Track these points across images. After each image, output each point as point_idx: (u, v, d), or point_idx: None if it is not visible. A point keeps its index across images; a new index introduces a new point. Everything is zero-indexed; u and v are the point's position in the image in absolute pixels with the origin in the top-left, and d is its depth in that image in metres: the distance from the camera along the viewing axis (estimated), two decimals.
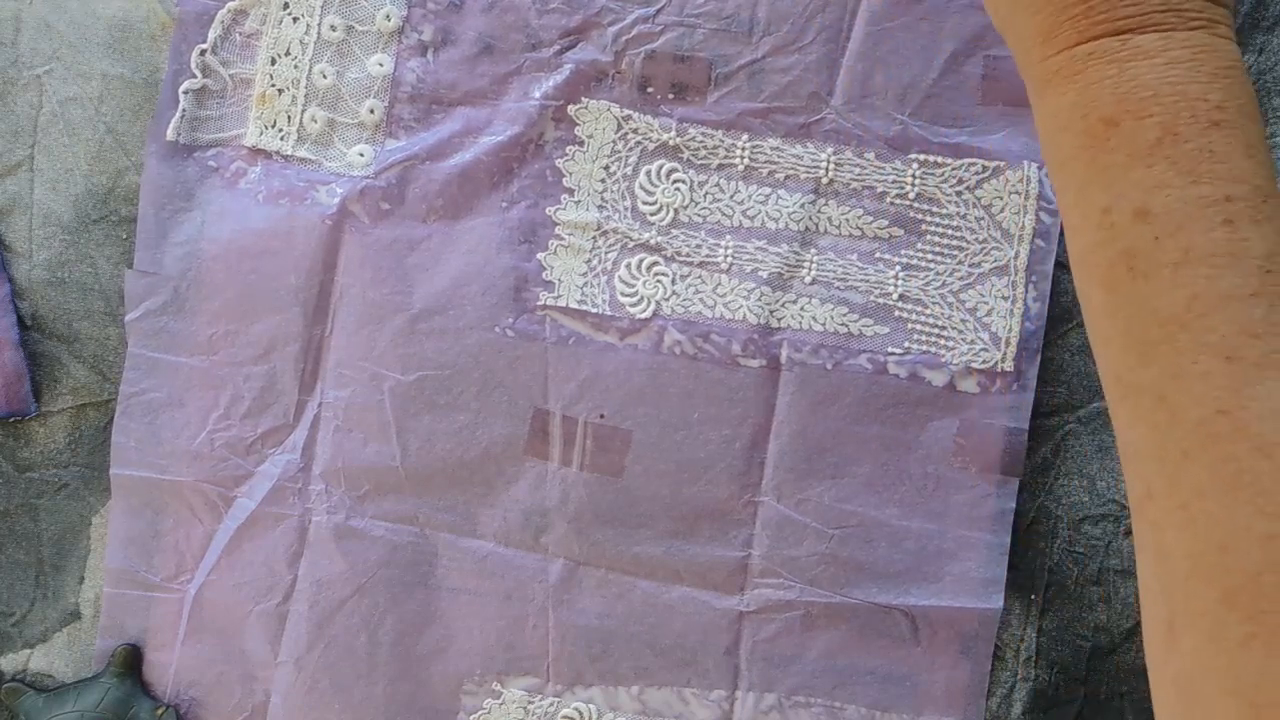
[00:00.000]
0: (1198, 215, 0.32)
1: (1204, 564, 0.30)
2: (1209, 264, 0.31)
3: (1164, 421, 0.31)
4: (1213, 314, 0.31)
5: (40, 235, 0.54)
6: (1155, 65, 0.32)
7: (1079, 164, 0.33)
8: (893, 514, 0.52)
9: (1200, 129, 0.32)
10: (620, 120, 0.53)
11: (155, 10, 0.54)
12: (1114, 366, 0.33)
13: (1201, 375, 0.31)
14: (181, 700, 0.53)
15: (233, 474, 0.53)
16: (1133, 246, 0.32)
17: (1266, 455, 0.30)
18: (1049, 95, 0.34)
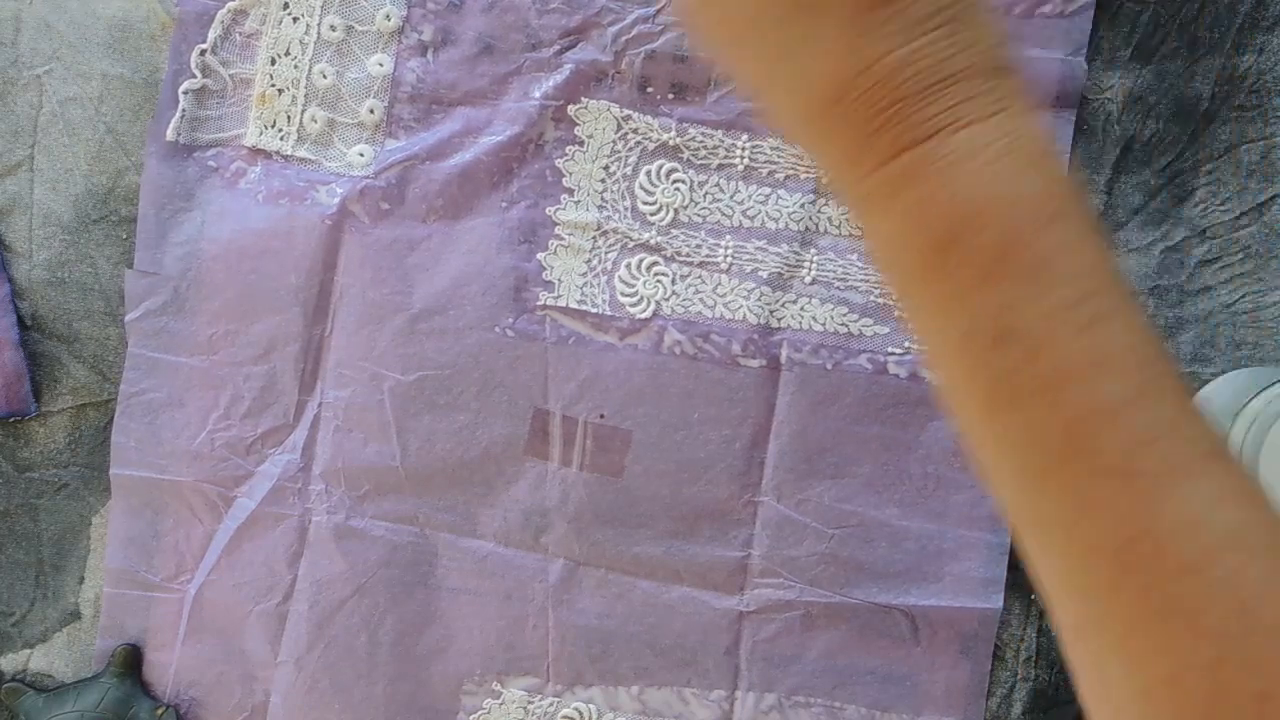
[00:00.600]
0: (1060, 325, 0.29)
1: (1154, 699, 0.29)
2: (1083, 376, 0.29)
3: (1078, 555, 0.29)
4: (1100, 431, 0.29)
5: (40, 235, 0.54)
6: (977, 168, 0.30)
7: (923, 291, 0.31)
8: (893, 514, 0.52)
9: (1040, 226, 0.30)
10: (620, 120, 0.53)
11: (155, 10, 0.54)
12: (1011, 499, 0.31)
13: (1104, 501, 0.29)
14: (181, 700, 0.53)
15: (233, 474, 0.53)
16: (1001, 372, 0.30)
17: (1194, 574, 0.28)
18: (875, 219, 0.31)
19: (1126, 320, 0.30)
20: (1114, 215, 0.53)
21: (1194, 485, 0.29)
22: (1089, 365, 0.29)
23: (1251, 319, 0.52)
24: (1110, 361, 0.29)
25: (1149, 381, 0.29)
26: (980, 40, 0.31)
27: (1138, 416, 0.29)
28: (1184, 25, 0.52)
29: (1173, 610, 0.28)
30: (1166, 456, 0.29)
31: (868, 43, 0.30)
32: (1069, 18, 0.52)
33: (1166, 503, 0.28)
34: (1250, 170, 0.52)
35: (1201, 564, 0.28)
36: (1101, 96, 0.53)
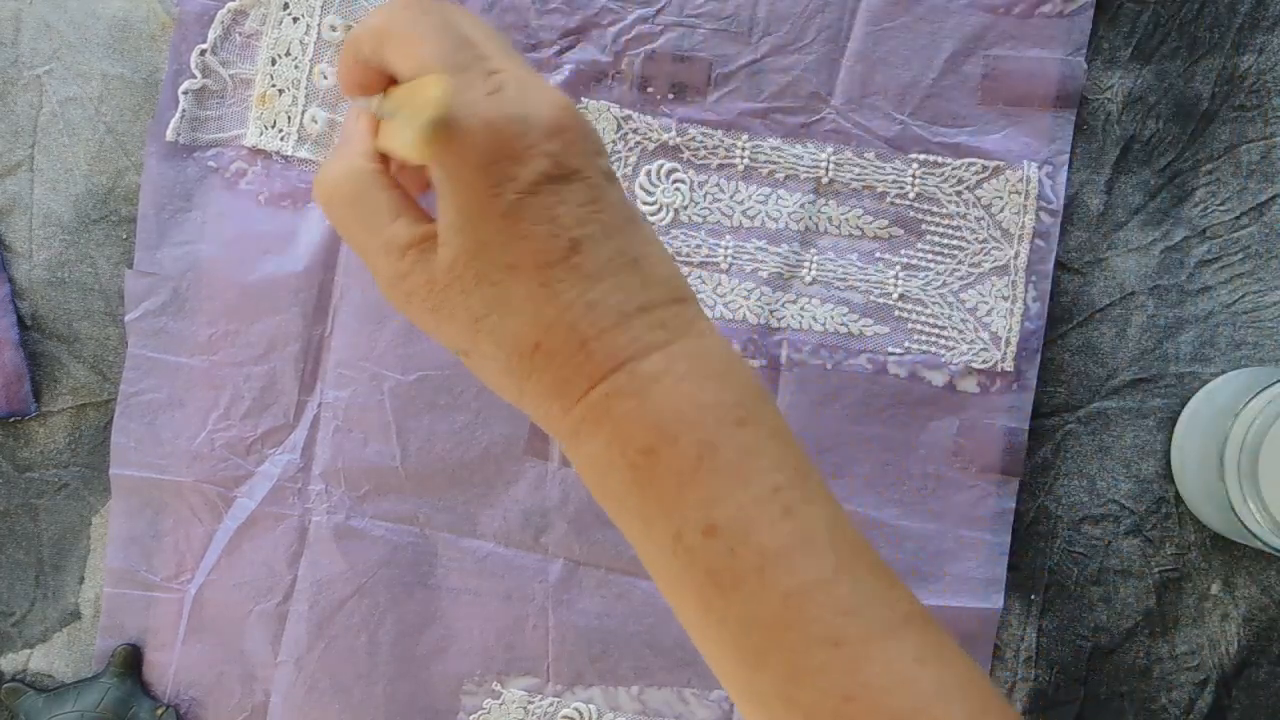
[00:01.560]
0: (759, 515, 0.32)
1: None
2: (787, 559, 0.32)
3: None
4: (807, 606, 0.32)
5: (40, 235, 0.54)
6: (667, 387, 0.33)
7: (633, 499, 0.34)
8: (893, 514, 0.52)
9: (730, 432, 0.33)
10: (620, 120, 0.53)
11: (155, 10, 0.54)
12: (733, 681, 0.33)
13: (818, 669, 0.32)
14: (181, 700, 0.53)
15: (233, 474, 0.53)
16: (713, 564, 0.32)
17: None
18: (582, 444, 0.34)
19: (820, 507, 0.33)
20: (1114, 215, 0.53)
21: (898, 646, 0.32)
22: (790, 548, 0.32)
23: (1251, 319, 0.52)
24: (809, 543, 0.32)
25: (846, 558, 0.33)
26: (654, 279, 0.34)
27: (839, 590, 0.32)
28: (1184, 25, 0.52)
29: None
30: (870, 623, 0.32)
31: (550, 297, 0.33)
32: (1069, 18, 0.52)
33: (874, 664, 0.31)
34: (1250, 170, 0.52)
35: (911, 716, 0.31)
36: (1101, 96, 0.53)
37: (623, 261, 0.34)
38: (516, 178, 0.33)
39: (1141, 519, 0.52)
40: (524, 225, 0.33)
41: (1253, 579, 0.52)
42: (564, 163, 0.34)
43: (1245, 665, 0.52)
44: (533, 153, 0.33)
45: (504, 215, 0.33)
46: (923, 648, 0.32)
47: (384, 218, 0.35)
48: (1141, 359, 0.52)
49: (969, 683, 0.33)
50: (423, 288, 0.34)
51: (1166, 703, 0.52)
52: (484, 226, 0.33)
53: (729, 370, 0.35)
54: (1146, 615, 0.52)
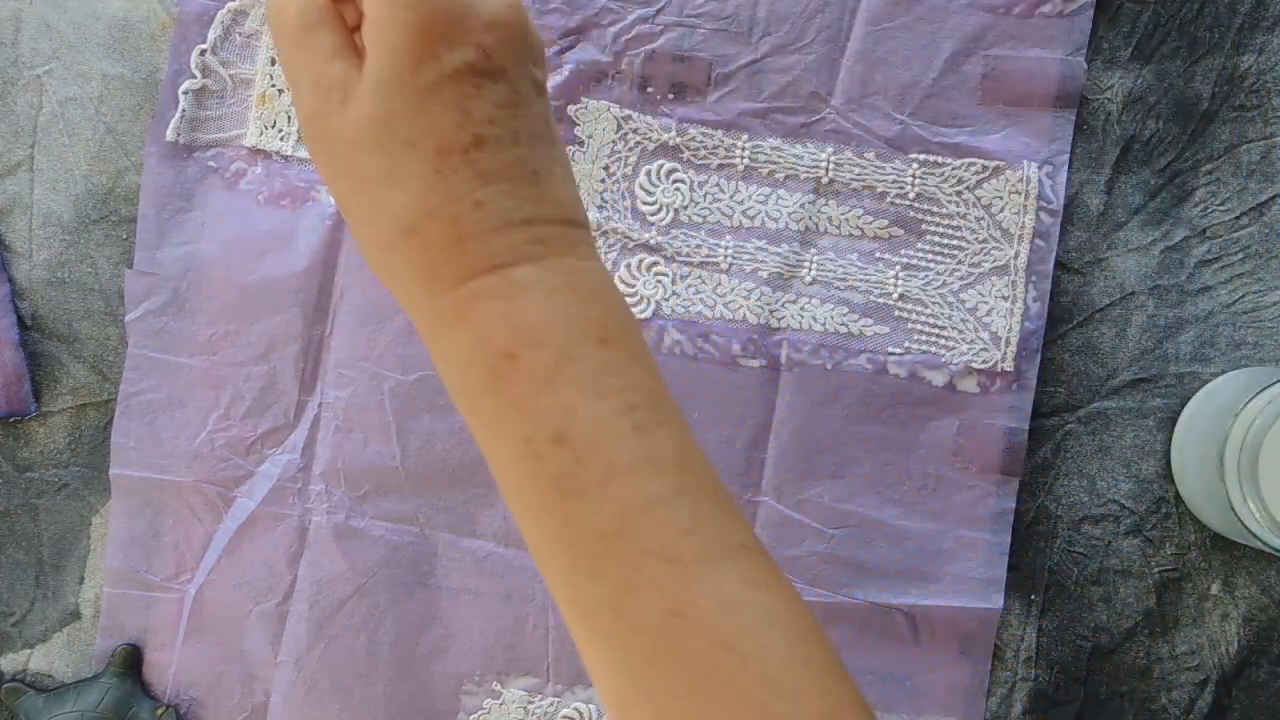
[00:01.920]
0: (610, 430, 0.33)
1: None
2: (631, 474, 0.33)
3: (623, 632, 0.32)
4: (645, 521, 0.32)
5: (40, 235, 0.54)
6: (537, 296, 0.34)
7: (489, 400, 0.34)
8: (893, 514, 0.52)
9: (592, 348, 0.34)
10: (620, 120, 0.53)
11: (155, 10, 0.54)
12: (564, 588, 0.34)
13: (648, 582, 0.32)
14: (181, 700, 0.53)
15: (233, 474, 0.53)
16: (559, 471, 0.33)
17: (725, 648, 0.32)
18: (442, 337, 0.35)
19: (671, 431, 0.34)
20: (1114, 215, 0.53)
21: (729, 570, 0.32)
22: (635, 465, 0.33)
23: (1251, 319, 0.52)
24: (654, 463, 0.33)
25: (689, 482, 0.33)
26: (549, 196, 0.35)
27: (678, 510, 0.33)
28: (1184, 25, 0.52)
29: (706, 680, 0.31)
30: (705, 545, 0.32)
31: (440, 185, 0.34)
32: (1069, 18, 0.52)
33: (704, 584, 0.32)
34: (1250, 170, 0.52)
35: (732, 640, 0.32)
36: (1101, 96, 0.53)
37: (522, 171, 0.34)
38: (441, 59, 0.33)
39: (1141, 519, 0.52)
40: (435, 108, 0.33)
41: (1253, 579, 0.52)
42: (494, 59, 0.34)
43: (1245, 665, 0.52)
44: (466, 40, 0.34)
45: (419, 92, 0.33)
46: (752, 574, 0.33)
47: (321, 54, 0.35)
48: (1141, 359, 0.53)
49: (793, 613, 0.33)
50: (331, 133, 0.35)
51: (1166, 703, 0.52)
52: (396, 97, 0.33)
53: (600, 292, 0.35)
54: (1146, 615, 0.52)
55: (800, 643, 0.33)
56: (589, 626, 0.33)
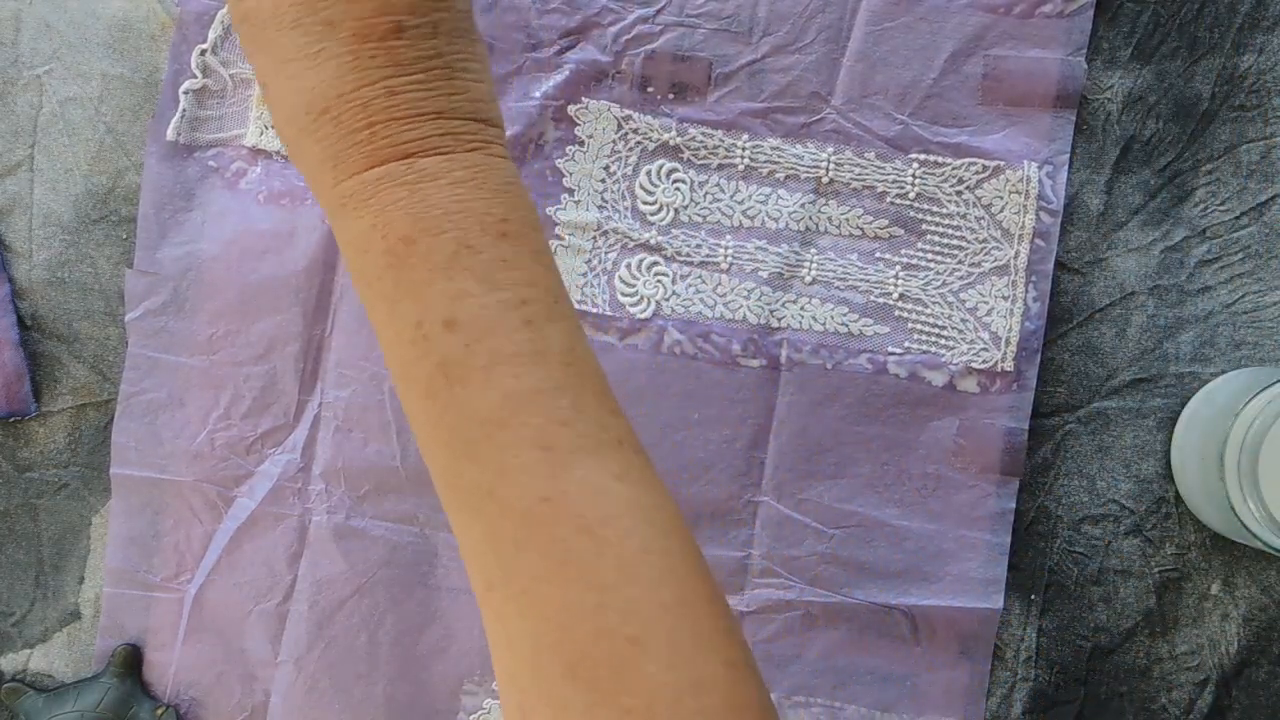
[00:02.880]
0: (500, 320, 0.34)
1: (545, 644, 0.33)
2: (516, 364, 0.34)
3: (495, 515, 0.33)
4: (525, 409, 0.33)
5: (40, 235, 0.54)
6: (441, 186, 0.34)
7: (385, 283, 0.35)
8: (893, 514, 0.52)
9: (491, 240, 0.34)
10: (620, 120, 0.53)
11: (155, 10, 0.54)
12: (443, 471, 0.35)
13: (523, 467, 0.33)
14: (181, 700, 0.53)
15: (233, 474, 0.53)
16: (446, 356, 0.34)
17: (588, 533, 0.33)
18: (346, 220, 0.35)
19: (562, 326, 0.35)
20: (1114, 215, 0.53)
21: (602, 463, 0.34)
22: (521, 355, 0.34)
23: (1251, 319, 0.52)
24: (541, 356, 0.34)
25: (573, 378, 0.34)
26: (465, 93, 0.36)
27: (559, 402, 0.34)
28: (1184, 25, 0.52)
29: (567, 563, 0.33)
30: (581, 437, 0.34)
31: (356, 69, 0.34)
32: (1069, 18, 0.52)
33: (576, 472, 0.33)
34: (1250, 170, 0.52)
35: (596, 526, 0.33)
36: (1101, 96, 0.53)
37: (439, 64, 0.35)
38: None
39: (1141, 519, 0.52)
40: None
41: (1253, 579, 0.52)
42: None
43: (1245, 665, 0.52)
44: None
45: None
46: (624, 469, 0.34)
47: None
48: (1141, 359, 0.53)
49: (658, 507, 0.34)
50: (255, 10, 0.35)
51: (1166, 703, 0.52)
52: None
53: (505, 188, 0.36)
54: (1146, 615, 0.52)
55: (662, 535, 0.34)
56: (465, 510, 0.34)
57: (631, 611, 0.32)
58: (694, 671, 0.32)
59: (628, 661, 0.32)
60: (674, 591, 0.33)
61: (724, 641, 0.33)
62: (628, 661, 0.32)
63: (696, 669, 0.32)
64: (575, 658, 0.32)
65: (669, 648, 0.32)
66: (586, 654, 0.32)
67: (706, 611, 0.33)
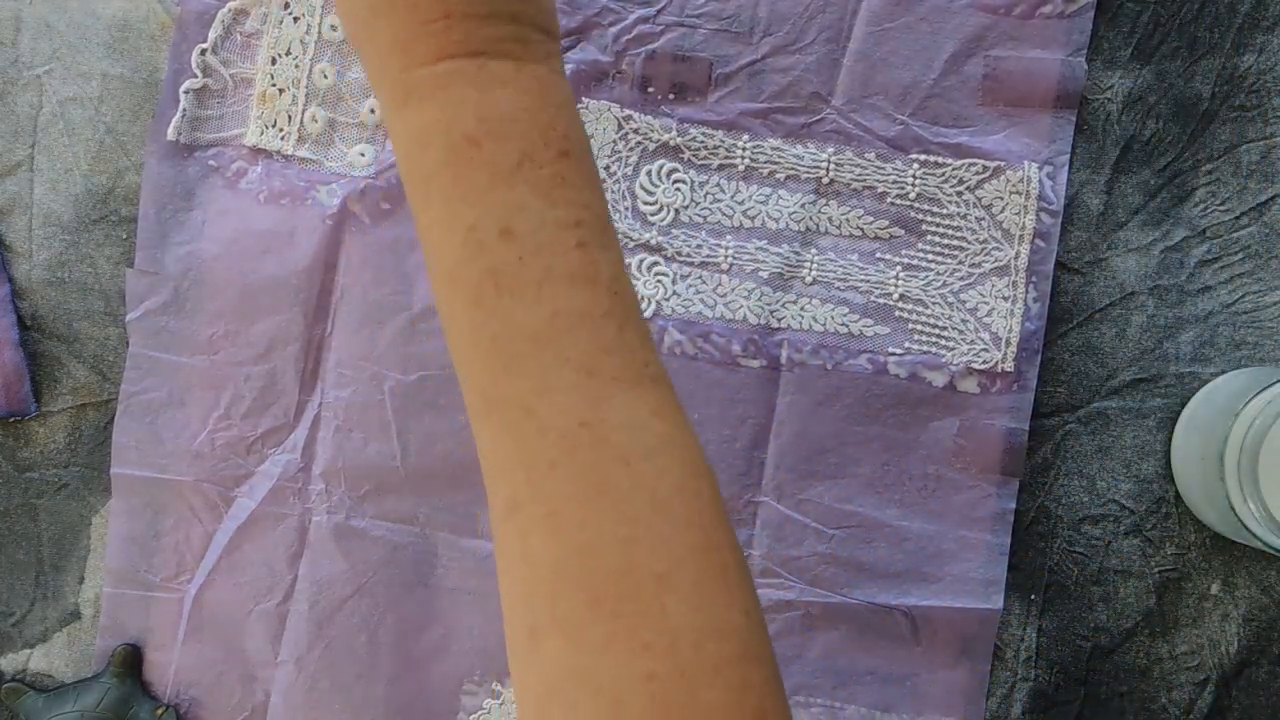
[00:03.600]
0: (556, 237, 0.33)
1: (569, 570, 0.32)
2: (568, 284, 0.33)
3: (531, 432, 0.33)
4: (573, 331, 0.33)
5: (40, 235, 0.54)
6: (510, 93, 0.34)
7: (443, 180, 0.34)
8: (893, 514, 0.52)
9: (553, 156, 0.34)
10: (621, 120, 0.53)
11: (155, 10, 0.54)
12: (479, 381, 0.34)
13: (565, 388, 0.33)
14: (181, 700, 0.53)
15: (233, 474, 0.53)
16: (499, 265, 0.33)
17: (624, 464, 0.32)
18: (409, 111, 0.34)
19: (611, 255, 0.35)
20: (1114, 215, 0.53)
21: (641, 396, 0.33)
22: (573, 276, 0.33)
23: (1251, 319, 0.52)
24: (591, 281, 0.34)
25: (618, 307, 0.34)
26: (536, 1, 0.35)
27: (605, 329, 0.33)
28: (1184, 25, 0.52)
29: (601, 492, 0.32)
30: (623, 367, 0.33)
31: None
32: (1069, 18, 0.52)
33: (616, 401, 0.33)
34: (1250, 170, 0.52)
35: (633, 458, 0.33)
36: (1101, 96, 0.53)
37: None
38: None
39: (1141, 519, 0.52)
40: None
41: (1253, 579, 0.52)
42: None
43: (1245, 665, 0.52)
44: None
45: None
46: (662, 405, 0.34)
47: None
48: (1141, 359, 0.53)
49: (692, 447, 0.34)
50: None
51: (1166, 703, 0.52)
52: None
53: (567, 106, 0.35)
54: (1146, 615, 0.52)
55: (694, 476, 0.33)
56: (498, 424, 0.34)
57: (662, 549, 0.32)
58: (717, 617, 0.32)
59: (653, 598, 0.31)
60: (702, 534, 0.33)
61: (743, 592, 0.33)
62: (653, 598, 0.31)
63: (720, 615, 0.32)
64: (599, 587, 0.32)
65: (696, 590, 0.32)
66: (612, 585, 0.32)
67: (731, 559, 0.33)
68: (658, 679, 0.31)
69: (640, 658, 0.31)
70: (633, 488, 0.32)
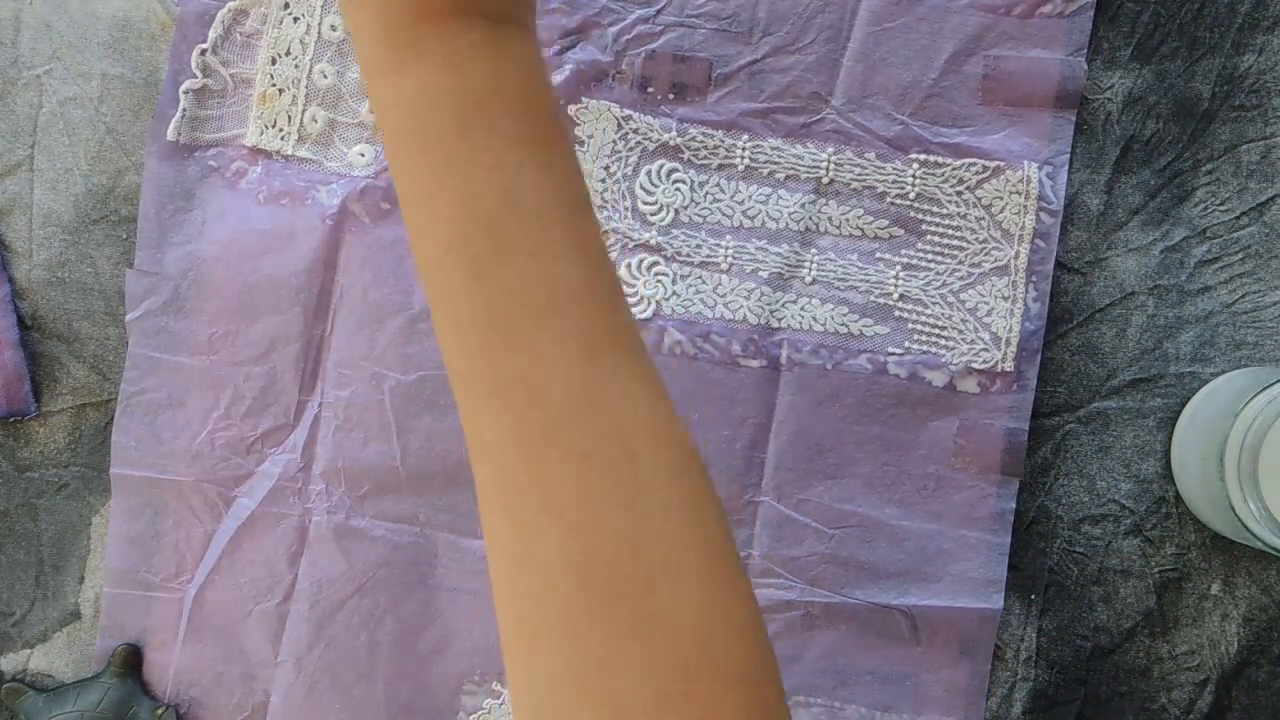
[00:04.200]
0: (554, 206, 0.33)
1: (565, 562, 0.31)
2: (564, 251, 0.32)
3: (527, 407, 0.32)
4: (571, 302, 0.32)
5: (40, 235, 0.54)
6: (519, 61, 0.33)
7: (445, 146, 0.33)
8: (893, 514, 0.52)
9: (547, 127, 0.34)
10: (620, 120, 0.53)
11: (155, 10, 0.54)
12: (470, 351, 0.33)
13: (564, 361, 0.32)
14: (181, 700, 0.53)
15: (233, 474, 0.53)
16: (498, 233, 0.32)
17: (619, 441, 0.32)
18: (410, 70, 0.33)
19: (595, 225, 0.34)
20: (1114, 215, 0.53)
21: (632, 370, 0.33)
22: (569, 244, 0.33)
23: (1251, 319, 0.52)
24: (584, 249, 0.33)
25: (606, 278, 0.33)
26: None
27: (600, 300, 0.33)
28: (1184, 25, 0.52)
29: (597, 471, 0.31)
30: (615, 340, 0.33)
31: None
32: (1069, 18, 0.52)
33: (614, 378, 0.32)
34: (1250, 170, 0.52)
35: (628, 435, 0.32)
36: (1101, 96, 0.53)
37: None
38: None
39: (1141, 519, 0.52)
40: None
41: (1253, 579, 0.52)
42: None
43: (1245, 665, 0.52)
44: None
45: None
46: (649, 378, 0.33)
47: None
48: (1141, 359, 0.53)
49: (685, 433, 0.34)
50: None
51: (1166, 703, 0.52)
52: None
53: (550, 84, 0.35)
54: (1146, 615, 0.52)
55: (693, 463, 0.33)
56: (491, 395, 0.33)
57: (664, 544, 0.31)
58: (721, 615, 0.31)
59: (656, 595, 0.30)
60: (703, 530, 0.32)
61: (745, 589, 0.32)
62: (656, 595, 0.30)
63: (723, 613, 0.31)
64: (599, 583, 0.31)
65: (700, 588, 0.31)
66: (611, 581, 0.31)
67: (732, 555, 0.32)
68: (660, 681, 0.30)
69: (642, 660, 0.30)
70: (633, 473, 0.31)
